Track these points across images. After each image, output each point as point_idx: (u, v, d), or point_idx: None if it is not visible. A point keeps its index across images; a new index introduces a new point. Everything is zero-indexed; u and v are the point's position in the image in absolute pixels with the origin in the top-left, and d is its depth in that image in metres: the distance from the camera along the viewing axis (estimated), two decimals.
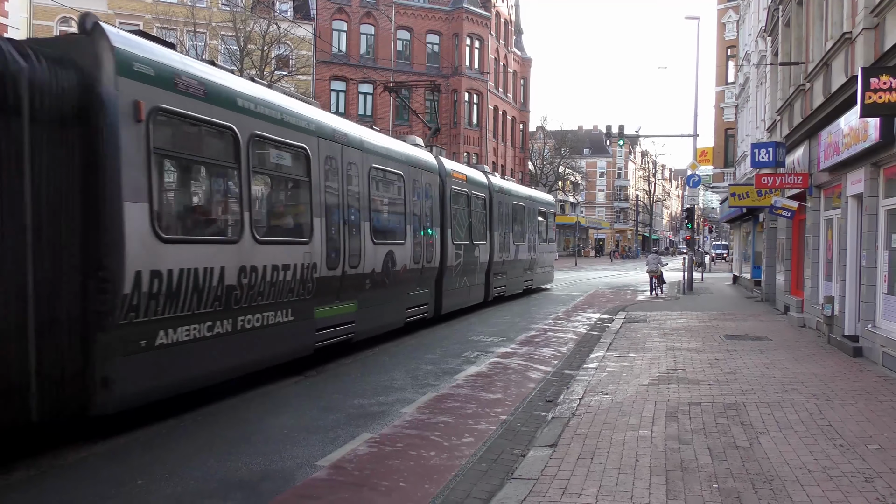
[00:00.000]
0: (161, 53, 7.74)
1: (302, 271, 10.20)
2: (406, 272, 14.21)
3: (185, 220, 8.50)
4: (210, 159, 8.81)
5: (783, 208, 16.82)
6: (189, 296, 7.75)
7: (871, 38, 11.03)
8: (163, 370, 7.54)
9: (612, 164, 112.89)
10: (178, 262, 7.59)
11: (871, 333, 11.34)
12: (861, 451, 6.53)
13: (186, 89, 7.88)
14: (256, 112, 9.30)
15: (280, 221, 10.55)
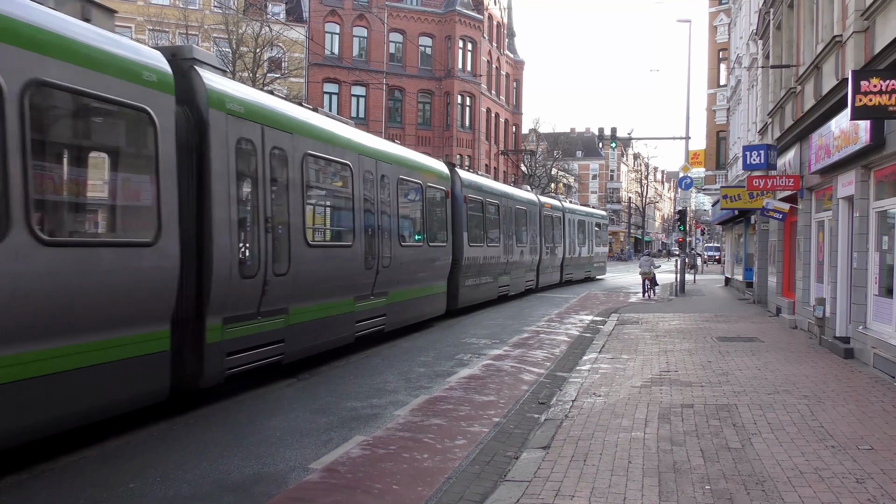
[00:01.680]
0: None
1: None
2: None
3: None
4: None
5: (775, 210, 16.89)
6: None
7: (862, 41, 11.09)
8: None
9: (604, 167, 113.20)
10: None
11: (862, 335, 11.39)
12: (852, 452, 6.56)
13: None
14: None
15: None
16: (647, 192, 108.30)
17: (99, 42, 7.08)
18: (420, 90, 50.11)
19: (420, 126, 50.30)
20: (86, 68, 6.65)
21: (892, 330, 10.37)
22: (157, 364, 7.56)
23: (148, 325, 7.36)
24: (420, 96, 50.29)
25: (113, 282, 6.88)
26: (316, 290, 10.90)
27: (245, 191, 9.31)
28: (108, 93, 6.89)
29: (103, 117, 7.57)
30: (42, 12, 6.35)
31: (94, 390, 6.80)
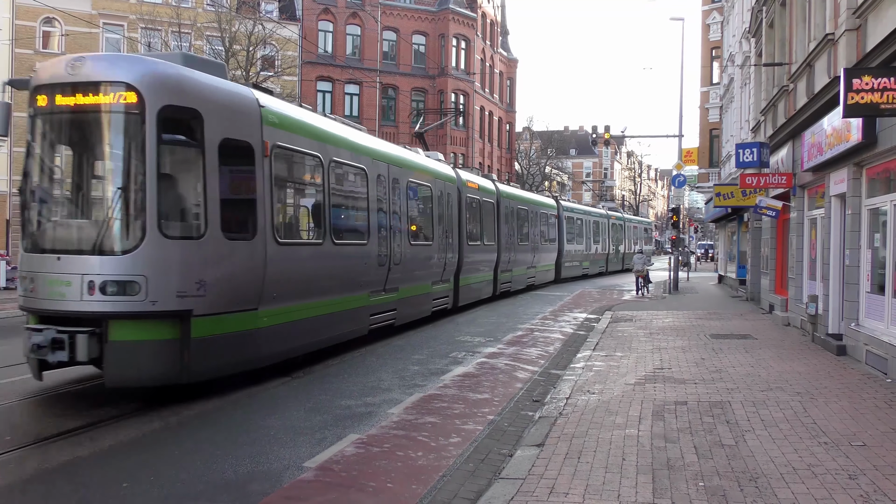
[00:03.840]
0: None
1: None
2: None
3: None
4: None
5: (767, 208, 16.95)
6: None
7: (854, 39, 11.13)
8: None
9: (598, 165, 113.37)
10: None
11: (855, 332, 11.44)
12: (845, 448, 6.59)
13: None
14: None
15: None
16: (641, 190, 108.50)
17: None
18: (414, 88, 50.06)
19: (414, 124, 50.27)
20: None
21: (885, 327, 10.42)
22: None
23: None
24: (414, 94, 50.23)
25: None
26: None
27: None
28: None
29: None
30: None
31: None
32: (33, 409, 8.68)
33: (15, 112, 12.04)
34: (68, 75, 8.62)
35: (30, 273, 8.63)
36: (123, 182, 8.51)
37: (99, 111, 8.62)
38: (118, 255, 8.28)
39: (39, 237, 8.89)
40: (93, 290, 8.12)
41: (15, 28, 39.11)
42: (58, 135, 9.47)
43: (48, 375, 8.90)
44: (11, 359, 10.33)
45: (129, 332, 8.29)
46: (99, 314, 8.16)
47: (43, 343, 8.12)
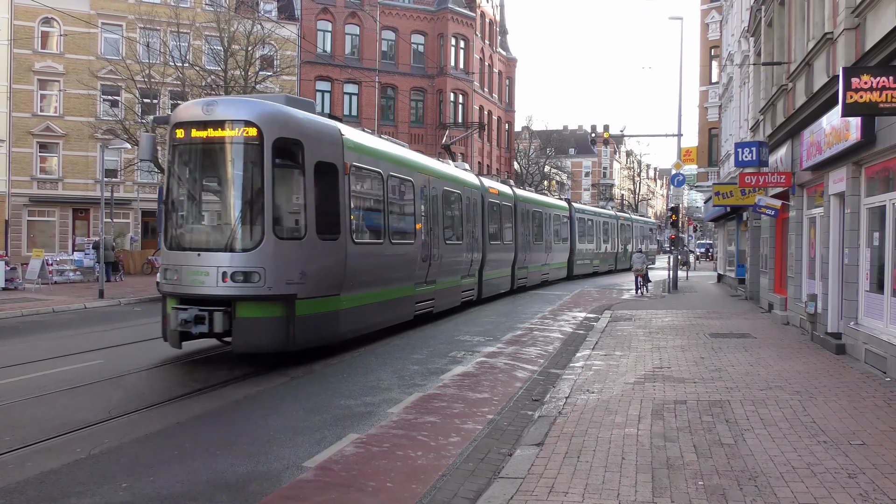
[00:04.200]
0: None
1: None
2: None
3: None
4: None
5: (766, 207, 16.95)
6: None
7: (853, 38, 11.13)
8: None
9: (597, 164, 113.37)
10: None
11: (854, 331, 11.44)
12: (844, 447, 6.59)
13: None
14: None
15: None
16: (640, 190, 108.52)
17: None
18: (412, 88, 50.05)
19: (413, 124, 50.25)
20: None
21: (884, 325, 10.42)
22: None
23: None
24: (412, 94, 50.22)
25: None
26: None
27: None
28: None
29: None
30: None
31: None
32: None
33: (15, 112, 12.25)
34: (203, 114, 11.20)
35: (173, 266, 11.13)
36: (247, 196, 11.18)
37: (228, 142, 11.17)
38: (244, 252, 10.83)
39: (181, 238, 11.52)
40: (225, 278, 10.67)
41: (13, 28, 39.07)
42: (194, 160, 11.82)
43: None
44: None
45: (251, 310, 10.84)
46: (229, 297, 10.71)
47: (188, 319, 10.64)
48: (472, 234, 20.38)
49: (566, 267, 35.40)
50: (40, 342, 14.04)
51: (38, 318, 18.10)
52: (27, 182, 40.01)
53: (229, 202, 11.42)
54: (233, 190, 11.37)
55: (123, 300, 21.79)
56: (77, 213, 41.29)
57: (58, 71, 40.14)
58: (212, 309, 10.65)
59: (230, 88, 33.97)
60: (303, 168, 11.41)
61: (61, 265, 28.62)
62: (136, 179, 41.09)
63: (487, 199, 22.19)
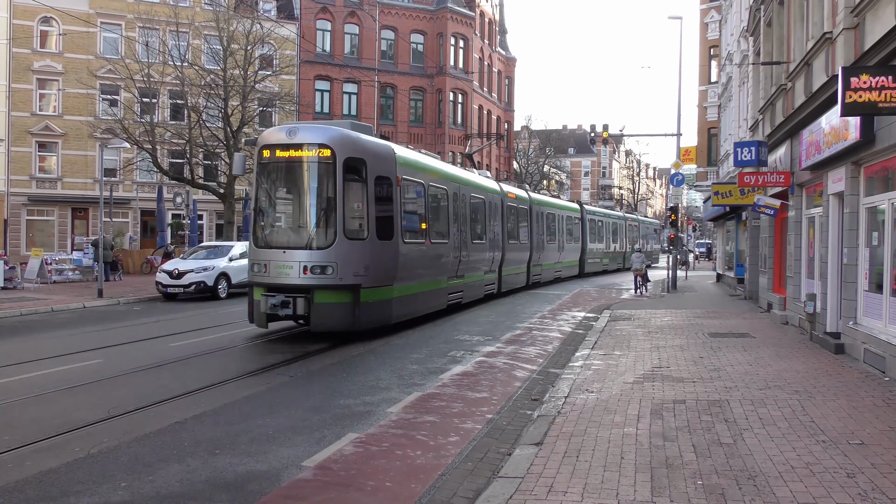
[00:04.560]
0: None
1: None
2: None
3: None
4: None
5: (766, 206, 16.95)
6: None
7: (852, 38, 11.14)
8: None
9: (596, 164, 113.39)
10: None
11: (853, 330, 11.45)
12: (843, 446, 6.59)
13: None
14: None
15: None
16: (639, 189, 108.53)
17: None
18: (412, 87, 50.06)
19: (412, 123, 50.26)
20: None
21: (883, 325, 10.43)
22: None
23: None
24: (412, 93, 50.22)
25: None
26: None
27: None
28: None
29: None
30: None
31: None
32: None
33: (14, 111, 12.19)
34: (287, 138, 13.82)
35: (262, 261, 13.74)
36: (322, 204, 13.78)
37: (307, 161, 13.80)
38: (320, 250, 13.40)
39: (269, 238, 14.07)
40: (305, 271, 13.24)
41: (12, 27, 39.05)
42: (279, 175, 14.50)
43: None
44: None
45: (326, 297, 13.35)
46: (309, 286, 13.22)
47: (276, 304, 13.30)
48: (493, 235, 22.78)
49: (578, 265, 37.37)
50: (39, 341, 14.04)
51: (37, 317, 18.09)
52: (26, 181, 40.00)
53: (308, 209, 14.05)
54: (311, 199, 14.01)
55: (122, 299, 21.79)
56: (76, 213, 41.29)
57: (57, 70, 40.13)
58: (295, 296, 13.25)
59: (229, 88, 33.98)
60: (365, 181, 13.98)
61: (60, 264, 28.61)
62: (134, 179, 41.07)
63: (506, 203, 24.56)
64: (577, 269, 37.19)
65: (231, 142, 33.60)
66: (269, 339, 14.15)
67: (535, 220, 28.56)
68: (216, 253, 23.79)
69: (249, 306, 14.19)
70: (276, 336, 14.42)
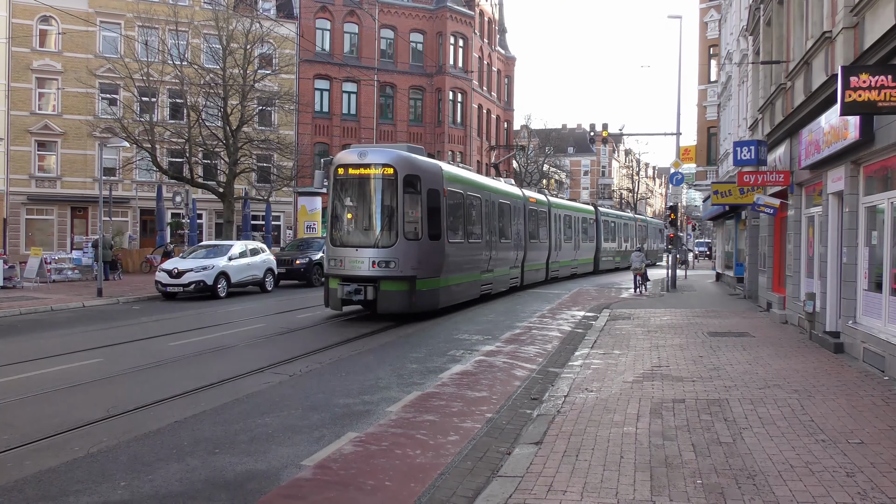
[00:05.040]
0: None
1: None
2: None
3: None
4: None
5: (765, 206, 16.95)
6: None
7: (851, 37, 11.13)
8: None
9: (596, 163, 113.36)
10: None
11: (852, 329, 11.45)
12: (842, 446, 6.60)
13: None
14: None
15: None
16: (639, 188, 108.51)
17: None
18: (411, 86, 50.04)
19: (412, 122, 50.25)
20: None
21: (882, 324, 10.43)
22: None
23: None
24: (411, 93, 50.21)
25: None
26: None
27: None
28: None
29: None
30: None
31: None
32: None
33: (13, 110, 12.12)
34: (358, 159, 17.17)
35: (338, 257, 17.02)
36: (386, 212, 16.96)
37: (374, 178, 17.04)
38: (385, 248, 16.64)
39: (344, 239, 17.27)
40: (374, 265, 16.50)
41: (11, 26, 39.03)
42: (350, 189, 17.60)
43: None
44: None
45: (389, 285, 16.54)
46: (376, 277, 16.49)
47: (351, 291, 16.55)
48: (517, 235, 25.81)
49: (593, 262, 40.01)
50: (38, 341, 14.03)
51: (37, 316, 18.09)
52: (25, 180, 39.99)
53: (375, 216, 17.25)
54: (377, 208, 17.18)
55: (122, 299, 21.79)
56: (75, 212, 41.28)
57: (56, 69, 40.12)
58: (365, 285, 16.48)
59: (229, 87, 33.97)
60: (420, 193, 17.16)
61: (60, 264, 28.59)
62: (134, 178, 41.07)
63: (528, 207, 27.70)
64: (591, 266, 39.58)
65: (230, 141, 33.60)
66: (268, 337, 14.15)
67: (553, 222, 31.55)
68: (215, 252, 23.77)
69: (325, 293, 17.58)
70: (274, 336, 14.40)
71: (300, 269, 27.92)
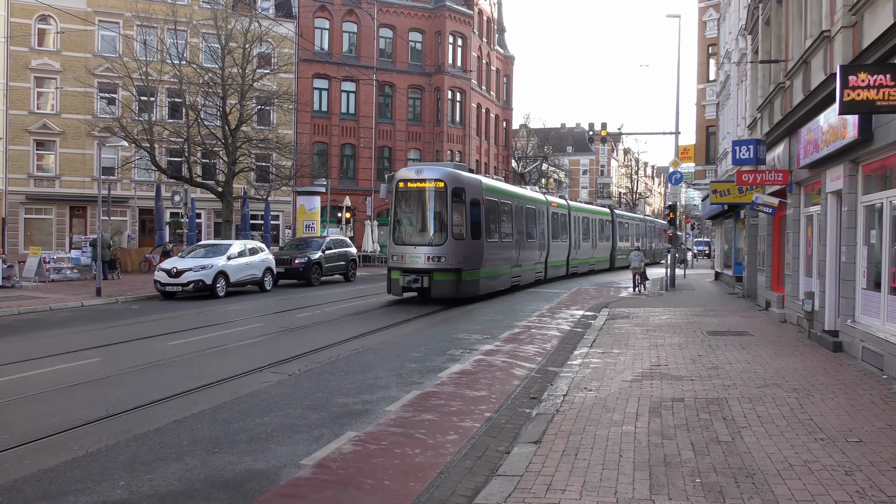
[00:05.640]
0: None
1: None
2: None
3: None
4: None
5: (764, 205, 16.96)
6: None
7: (850, 36, 11.14)
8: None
9: (594, 162, 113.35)
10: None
11: (851, 328, 11.46)
12: (841, 444, 6.60)
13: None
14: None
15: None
16: (638, 188, 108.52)
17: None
18: (410, 86, 50.03)
19: (410, 122, 50.24)
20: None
21: (881, 323, 10.44)
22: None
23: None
24: (410, 92, 50.20)
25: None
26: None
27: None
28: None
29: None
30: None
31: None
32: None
33: (12, 110, 11.97)
34: (416, 175, 21.36)
35: (400, 253, 20.96)
36: (438, 217, 20.99)
37: (429, 190, 21.04)
38: (437, 246, 20.58)
39: (404, 239, 21.27)
40: (428, 259, 20.43)
41: (10, 25, 38.99)
42: (409, 199, 21.60)
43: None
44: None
45: (441, 276, 20.46)
46: (430, 269, 20.41)
47: (410, 280, 20.53)
48: (541, 235, 29.91)
49: (609, 260, 43.88)
50: (37, 340, 14.03)
51: (36, 315, 18.08)
52: (24, 180, 39.97)
53: (429, 220, 21.30)
54: (431, 214, 21.26)
55: (121, 298, 21.79)
56: (74, 211, 41.25)
57: (55, 68, 40.09)
58: (421, 275, 20.56)
59: (227, 86, 33.95)
60: (464, 202, 21.17)
61: (58, 263, 28.56)
62: (133, 177, 41.05)
63: (550, 210, 31.79)
64: (608, 263, 43.46)
65: (229, 140, 33.58)
66: (267, 336, 14.15)
67: (572, 224, 35.58)
68: (214, 251, 23.77)
69: (388, 282, 21.52)
70: (273, 335, 14.39)
71: (299, 268, 27.87)
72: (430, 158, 49.37)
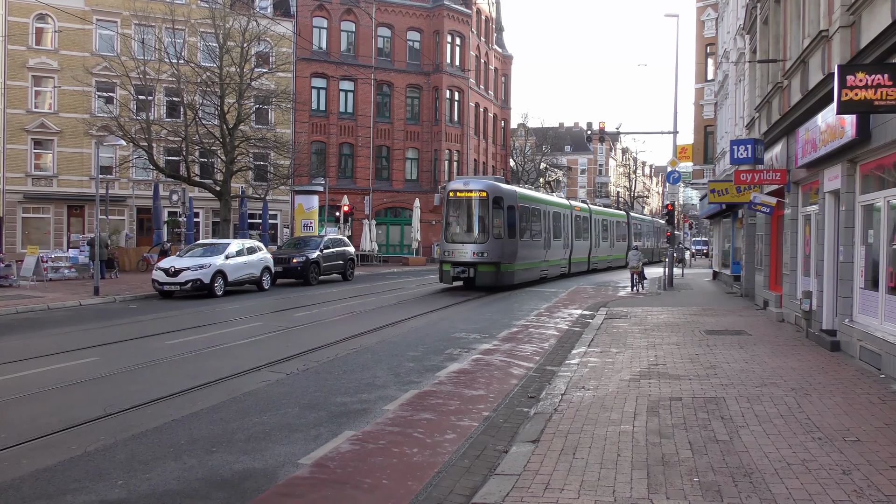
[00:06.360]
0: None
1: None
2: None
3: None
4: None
5: (762, 204, 16.97)
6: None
7: (848, 36, 11.15)
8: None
9: (593, 161, 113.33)
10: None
11: (849, 328, 11.48)
12: (839, 443, 6.61)
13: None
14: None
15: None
16: (636, 187, 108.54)
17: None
18: (408, 85, 50.02)
19: (409, 121, 50.23)
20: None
21: (878, 323, 10.45)
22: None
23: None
24: (408, 91, 50.19)
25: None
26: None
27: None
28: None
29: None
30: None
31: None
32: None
33: (9, 108, 12.17)
34: (463, 186, 26.34)
35: (451, 249, 25.49)
36: (482, 220, 25.63)
37: (474, 199, 25.70)
38: (480, 244, 25.24)
39: (454, 237, 25.74)
40: (473, 254, 25.07)
41: (8, 24, 38.92)
42: (458, 205, 26.09)
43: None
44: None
45: (484, 268, 25.17)
46: (475, 262, 25.11)
47: (459, 271, 25.21)
48: (565, 235, 34.57)
49: (625, 257, 47.37)
50: (35, 339, 14.01)
51: (33, 315, 18.06)
52: (21, 179, 39.91)
53: (474, 223, 25.69)
54: (476, 217, 25.63)
55: (119, 297, 21.77)
56: (72, 210, 41.20)
57: (52, 67, 40.03)
58: (468, 267, 24.97)
59: (225, 85, 33.91)
60: (502, 208, 25.74)
61: (56, 262, 28.52)
62: (130, 176, 40.99)
63: (573, 214, 36.29)
64: (624, 260, 45.63)
65: (227, 139, 33.55)
66: (265, 336, 14.15)
67: (592, 225, 40.10)
68: (212, 251, 23.75)
69: (440, 273, 26.14)
70: (271, 334, 14.39)
71: (297, 267, 27.89)
72: (428, 158, 49.37)
